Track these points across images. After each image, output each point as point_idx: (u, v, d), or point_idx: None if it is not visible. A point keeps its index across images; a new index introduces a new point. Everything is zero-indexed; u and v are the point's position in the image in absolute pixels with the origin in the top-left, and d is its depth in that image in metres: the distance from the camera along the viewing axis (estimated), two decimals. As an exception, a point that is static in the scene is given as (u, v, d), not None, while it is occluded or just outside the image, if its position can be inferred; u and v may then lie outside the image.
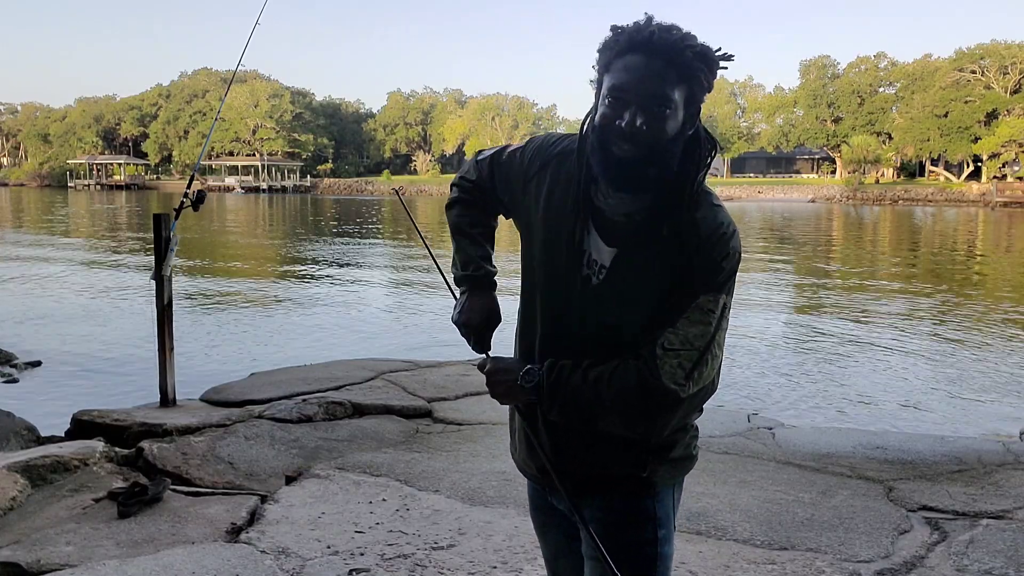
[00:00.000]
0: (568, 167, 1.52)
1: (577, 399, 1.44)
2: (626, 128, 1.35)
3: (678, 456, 1.55)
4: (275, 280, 15.90)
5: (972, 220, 39.07)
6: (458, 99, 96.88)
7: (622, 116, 1.36)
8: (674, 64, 1.35)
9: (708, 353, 1.41)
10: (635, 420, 1.44)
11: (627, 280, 1.45)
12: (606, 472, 1.53)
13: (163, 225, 5.04)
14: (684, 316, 1.40)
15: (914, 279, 16.39)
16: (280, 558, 3.07)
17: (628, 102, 1.36)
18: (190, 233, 25.20)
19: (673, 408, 1.42)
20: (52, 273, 15.60)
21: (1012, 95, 62.20)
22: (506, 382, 1.51)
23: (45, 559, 3.00)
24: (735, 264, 1.43)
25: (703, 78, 1.38)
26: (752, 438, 4.89)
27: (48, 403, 6.46)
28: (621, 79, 1.37)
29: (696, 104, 1.41)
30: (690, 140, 1.42)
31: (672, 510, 1.59)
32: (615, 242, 1.46)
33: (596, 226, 1.49)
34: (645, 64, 1.35)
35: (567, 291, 1.50)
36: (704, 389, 1.44)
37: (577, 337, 1.50)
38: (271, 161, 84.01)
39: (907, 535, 3.40)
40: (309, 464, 4.18)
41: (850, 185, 64.79)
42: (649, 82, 1.35)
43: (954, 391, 7.41)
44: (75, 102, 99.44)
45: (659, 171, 1.39)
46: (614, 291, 1.46)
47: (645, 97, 1.35)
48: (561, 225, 1.50)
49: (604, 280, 1.47)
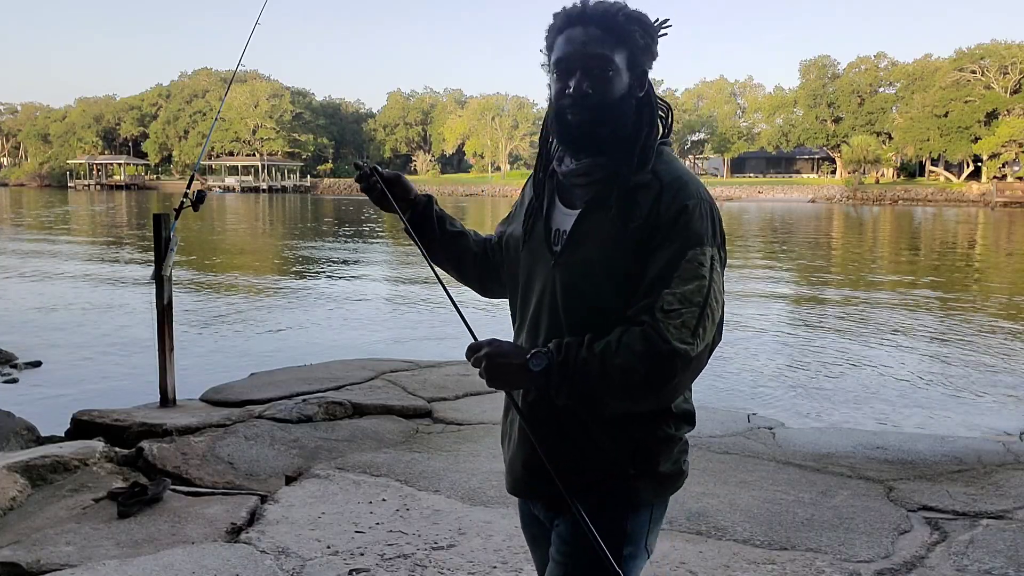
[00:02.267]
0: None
1: (586, 377, 1.36)
2: (574, 93, 1.44)
3: (666, 471, 1.50)
4: (275, 280, 15.89)
5: (972, 220, 39.07)
6: (458, 99, 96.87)
7: (568, 84, 1.44)
8: (609, 29, 1.43)
9: (708, 307, 1.37)
10: (644, 390, 1.37)
11: (589, 240, 1.46)
12: (587, 479, 1.47)
13: (163, 225, 5.04)
14: (676, 275, 1.37)
15: (914, 279, 16.38)
16: (280, 558, 3.07)
17: (572, 70, 1.45)
18: (190, 233, 25.19)
19: (684, 369, 1.36)
20: (52, 273, 15.60)
21: (1012, 95, 62.19)
22: (508, 366, 1.42)
23: (45, 559, 3.00)
24: (708, 211, 1.42)
25: (639, 38, 1.45)
26: (752, 438, 4.89)
27: (48, 403, 6.46)
28: (563, 50, 1.46)
29: (639, 66, 1.48)
30: (641, 102, 1.49)
31: (647, 529, 1.52)
32: (578, 204, 1.51)
33: (560, 196, 1.56)
34: (583, 33, 1.44)
35: (542, 272, 1.53)
36: (708, 345, 1.39)
37: (556, 316, 1.49)
38: (271, 161, 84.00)
39: (907, 535, 3.40)
40: (309, 464, 4.18)
41: (850, 185, 64.78)
42: (588, 47, 1.43)
43: (954, 391, 7.40)
44: (75, 102, 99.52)
45: (611, 131, 1.45)
46: (577, 255, 1.47)
47: (586, 61, 1.43)
48: (530, 210, 1.59)
49: (566, 245, 1.49)
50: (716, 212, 1.45)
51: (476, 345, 1.45)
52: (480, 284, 1.80)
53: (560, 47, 1.47)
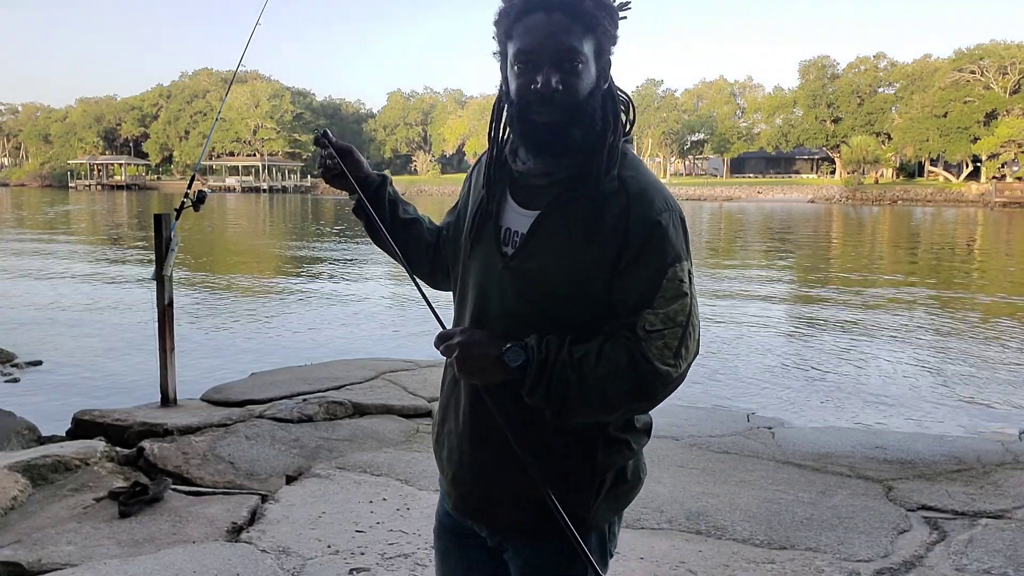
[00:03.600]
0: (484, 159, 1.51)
1: (564, 380, 1.29)
2: (543, 90, 1.30)
3: (628, 486, 1.46)
4: (276, 280, 15.90)
5: (971, 220, 39.07)
6: (458, 99, 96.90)
7: (535, 79, 1.31)
8: (576, 16, 1.30)
9: (690, 326, 1.33)
10: (621, 403, 1.32)
11: (547, 246, 1.36)
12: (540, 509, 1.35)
13: (164, 225, 5.05)
14: (659, 295, 1.30)
15: (913, 279, 16.39)
16: (281, 557, 3.08)
17: (538, 63, 1.31)
18: (191, 233, 25.20)
19: (664, 389, 1.32)
20: (53, 272, 15.60)
21: (1011, 95, 62.18)
22: (484, 357, 1.31)
23: (46, 558, 3.01)
24: (679, 222, 1.36)
25: (607, 26, 1.33)
26: (751, 437, 4.90)
27: (49, 403, 6.46)
28: (526, 41, 1.32)
29: (605, 56, 1.36)
30: (604, 95, 1.38)
31: (606, 542, 1.47)
32: (535, 204, 1.39)
33: (513, 193, 1.43)
34: (547, 21, 1.30)
35: (489, 272, 1.41)
36: (690, 363, 1.35)
37: (500, 321, 1.38)
38: (271, 161, 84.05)
39: (906, 534, 3.41)
40: (309, 464, 4.19)
41: (849, 185, 64.77)
42: (555, 38, 1.30)
43: (954, 391, 7.41)
44: (76, 102, 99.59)
45: (582, 132, 1.34)
46: (532, 261, 1.37)
47: (554, 54, 1.30)
48: (479, 207, 1.46)
49: (521, 247, 1.38)
50: (684, 220, 1.39)
51: (447, 333, 1.36)
52: (431, 277, 1.67)
53: (522, 36, 1.32)
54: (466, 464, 1.47)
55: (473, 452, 1.45)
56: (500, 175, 1.45)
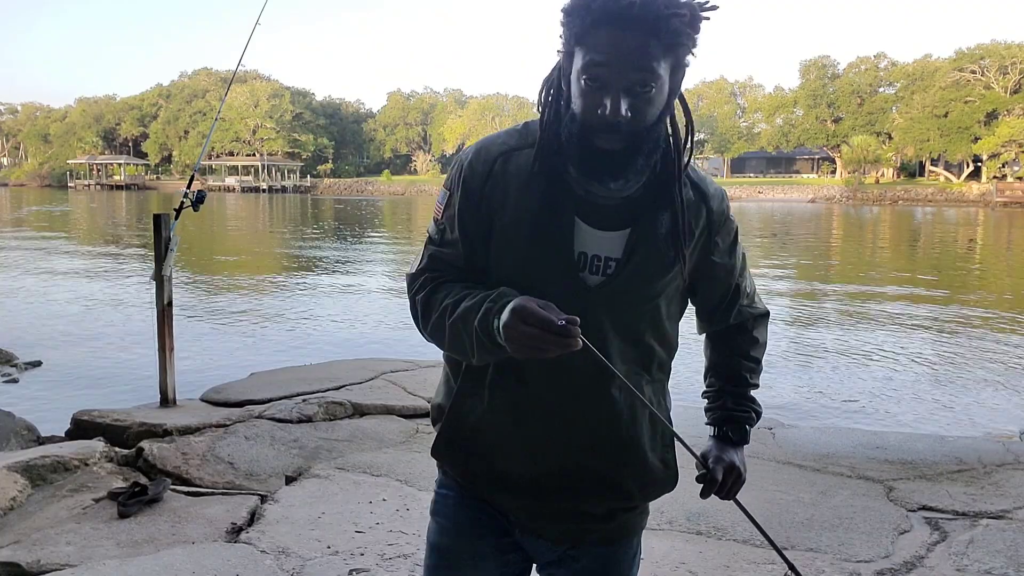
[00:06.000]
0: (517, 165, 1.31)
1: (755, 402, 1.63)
2: (610, 117, 1.18)
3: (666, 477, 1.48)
4: (275, 280, 15.89)
5: (972, 220, 39.06)
6: (458, 99, 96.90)
7: (602, 103, 1.18)
8: (658, 35, 1.16)
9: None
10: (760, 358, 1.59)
11: (644, 266, 1.31)
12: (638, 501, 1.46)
13: (163, 225, 5.04)
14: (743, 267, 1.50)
15: (914, 279, 16.38)
16: (280, 558, 3.07)
17: (608, 85, 1.18)
18: (190, 233, 25.19)
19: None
20: (53, 272, 15.59)
21: (1012, 95, 62.20)
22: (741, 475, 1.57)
23: (45, 559, 3.00)
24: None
25: (688, 39, 1.20)
26: (752, 438, 4.88)
27: (48, 403, 6.45)
28: (598, 58, 1.18)
29: (682, 70, 1.24)
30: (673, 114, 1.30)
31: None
32: (613, 224, 1.30)
33: (584, 216, 1.29)
34: (625, 39, 1.16)
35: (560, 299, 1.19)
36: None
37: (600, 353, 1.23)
38: (271, 161, 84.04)
39: (907, 535, 3.40)
40: (309, 464, 4.19)
41: (850, 185, 64.78)
42: (632, 61, 1.17)
43: (954, 391, 7.40)
44: (75, 102, 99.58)
45: (646, 157, 1.24)
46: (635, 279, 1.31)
47: (628, 77, 1.17)
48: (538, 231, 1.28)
49: (621, 270, 1.30)
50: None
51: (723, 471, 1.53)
52: None
53: (597, 49, 1.18)
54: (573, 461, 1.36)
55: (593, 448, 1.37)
56: (558, 193, 1.28)
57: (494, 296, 1.22)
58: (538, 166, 1.28)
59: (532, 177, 1.29)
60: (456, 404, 1.40)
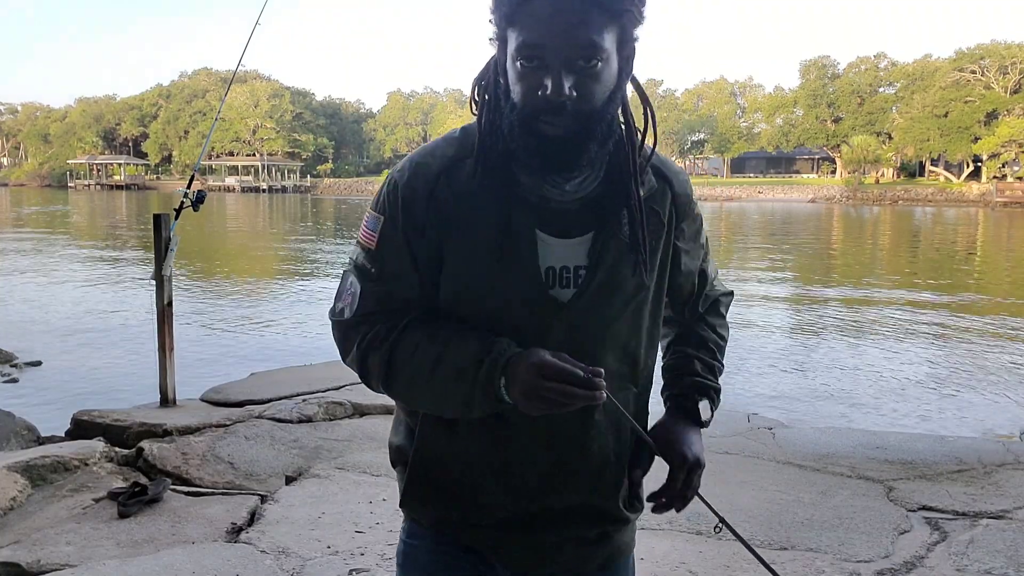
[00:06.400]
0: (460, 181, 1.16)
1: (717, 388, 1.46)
2: (552, 96, 1.04)
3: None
4: (275, 280, 15.89)
5: (972, 220, 39.06)
6: (458, 99, 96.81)
7: (543, 83, 1.05)
8: (601, 2, 1.04)
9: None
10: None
11: (618, 266, 1.18)
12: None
13: (163, 225, 5.04)
14: (708, 253, 1.40)
15: (914, 279, 16.38)
16: (280, 558, 3.07)
17: (547, 63, 1.04)
18: (190, 233, 25.20)
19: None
20: (53, 272, 15.59)
21: (1012, 95, 62.18)
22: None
23: (45, 559, 3.00)
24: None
25: (637, 13, 1.08)
26: (752, 438, 4.89)
27: (48, 403, 6.46)
28: (532, 34, 1.05)
29: (630, 43, 1.10)
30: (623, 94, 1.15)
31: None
32: (583, 228, 1.17)
33: (544, 227, 1.16)
34: (561, 10, 1.03)
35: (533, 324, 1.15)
36: None
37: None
38: (271, 161, 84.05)
39: (907, 535, 3.40)
40: (309, 464, 4.18)
41: (850, 185, 64.76)
42: (571, 33, 1.03)
43: (954, 391, 7.41)
44: (75, 102, 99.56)
45: (600, 144, 1.11)
46: (607, 286, 1.18)
47: (568, 51, 1.04)
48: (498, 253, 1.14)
49: (592, 279, 1.17)
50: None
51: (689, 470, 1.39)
52: None
53: (526, 26, 1.05)
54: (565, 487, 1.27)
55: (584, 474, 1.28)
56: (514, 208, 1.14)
57: (493, 354, 1.09)
58: (482, 176, 1.14)
59: (481, 191, 1.15)
60: (421, 444, 1.26)
